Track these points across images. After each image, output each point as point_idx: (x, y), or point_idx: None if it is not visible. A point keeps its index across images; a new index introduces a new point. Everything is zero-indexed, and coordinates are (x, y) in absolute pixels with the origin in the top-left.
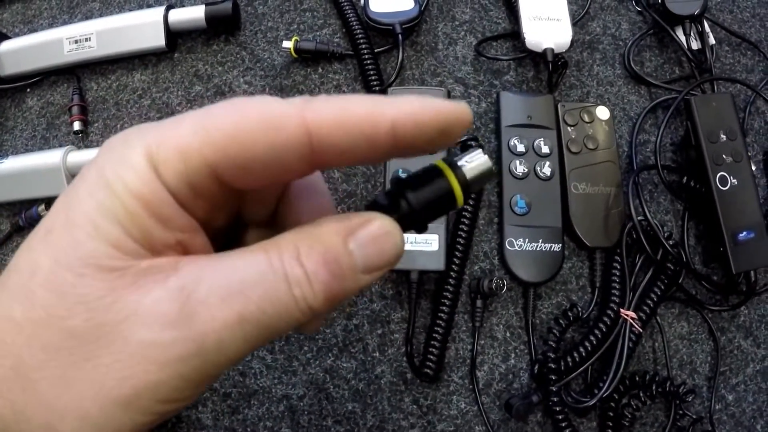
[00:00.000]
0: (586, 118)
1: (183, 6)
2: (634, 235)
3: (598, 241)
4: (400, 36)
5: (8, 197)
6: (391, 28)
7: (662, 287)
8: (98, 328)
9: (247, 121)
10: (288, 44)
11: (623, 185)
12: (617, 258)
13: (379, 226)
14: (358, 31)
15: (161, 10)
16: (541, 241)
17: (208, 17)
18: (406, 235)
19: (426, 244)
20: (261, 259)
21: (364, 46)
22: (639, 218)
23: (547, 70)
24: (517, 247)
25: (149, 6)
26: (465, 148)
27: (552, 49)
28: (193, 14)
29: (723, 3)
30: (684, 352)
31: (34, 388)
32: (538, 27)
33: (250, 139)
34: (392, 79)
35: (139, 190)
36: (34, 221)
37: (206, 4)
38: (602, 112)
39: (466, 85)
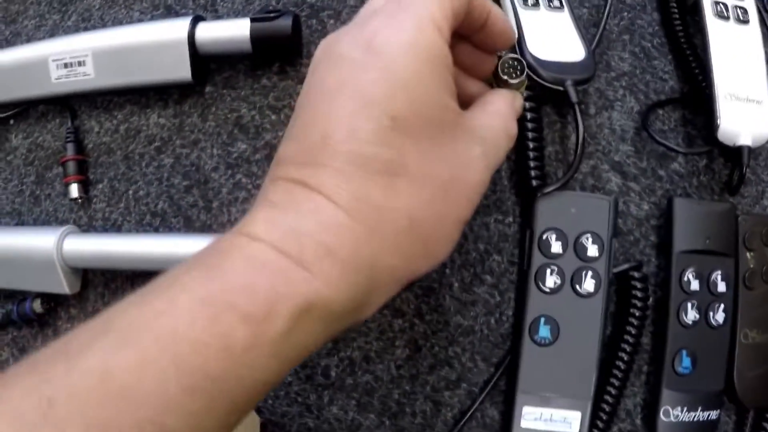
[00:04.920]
0: None
1: (218, 17)
2: None
3: (755, 401)
4: (576, 107)
5: None
6: (560, 89)
7: None
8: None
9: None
10: None
11: None
12: None
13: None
14: None
15: (185, 23)
16: (700, 409)
17: (255, 37)
18: (539, 411)
19: (564, 424)
20: (498, 120)
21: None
22: None
23: (739, 173)
24: (672, 418)
25: (168, 8)
26: (627, 279)
27: (749, 148)
28: (232, 31)
29: None
30: None
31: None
32: (735, 111)
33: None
34: (566, 178)
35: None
36: (27, 318)
37: (252, 19)
38: None
39: (624, 174)
